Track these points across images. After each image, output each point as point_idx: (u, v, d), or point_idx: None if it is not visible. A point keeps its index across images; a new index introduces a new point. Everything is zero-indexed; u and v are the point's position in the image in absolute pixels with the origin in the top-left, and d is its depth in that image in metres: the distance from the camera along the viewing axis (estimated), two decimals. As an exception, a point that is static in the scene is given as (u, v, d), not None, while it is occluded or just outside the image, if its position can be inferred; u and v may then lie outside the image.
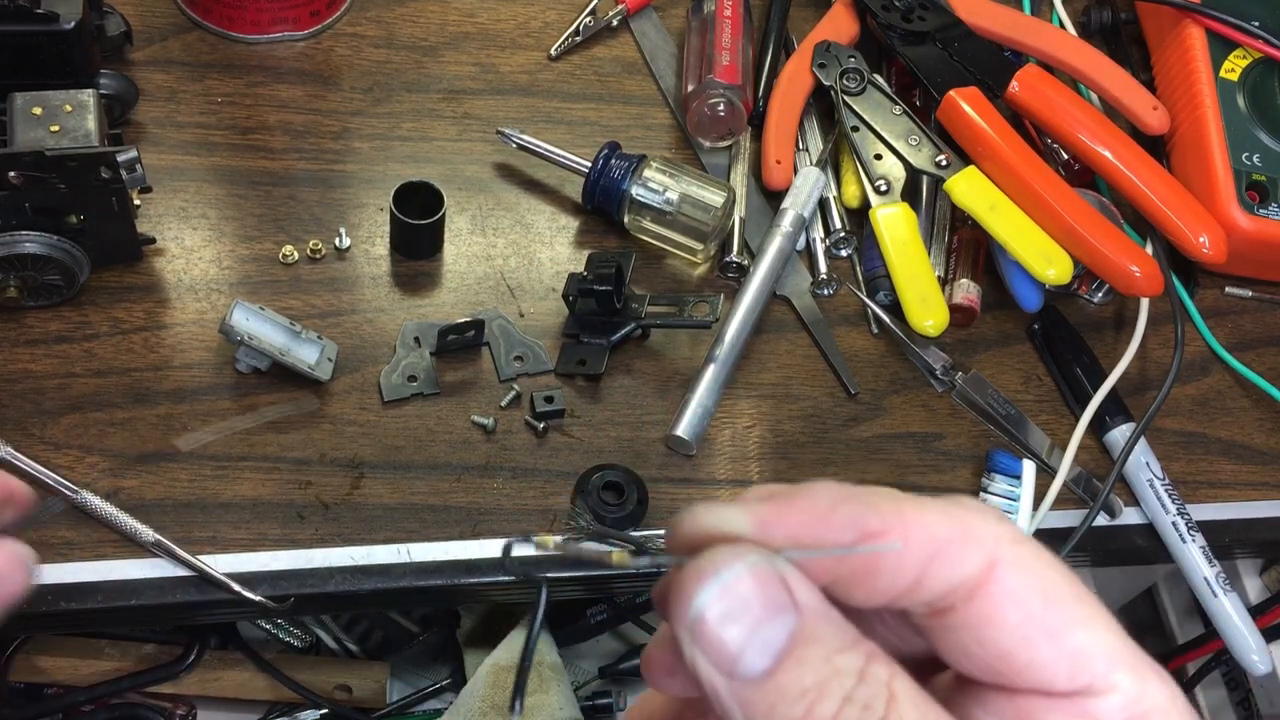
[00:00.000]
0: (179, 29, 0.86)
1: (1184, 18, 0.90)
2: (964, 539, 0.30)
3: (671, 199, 0.80)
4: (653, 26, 0.93)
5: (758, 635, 0.28)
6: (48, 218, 0.70)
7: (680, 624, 0.28)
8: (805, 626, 0.28)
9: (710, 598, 0.28)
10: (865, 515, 0.30)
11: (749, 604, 0.28)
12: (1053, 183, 0.80)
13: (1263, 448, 0.83)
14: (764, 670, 0.28)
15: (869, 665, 0.28)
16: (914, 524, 0.30)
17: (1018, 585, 0.30)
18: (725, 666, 0.28)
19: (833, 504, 0.30)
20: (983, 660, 0.31)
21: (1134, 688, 0.30)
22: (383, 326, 0.77)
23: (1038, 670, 0.30)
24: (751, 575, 0.28)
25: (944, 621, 0.31)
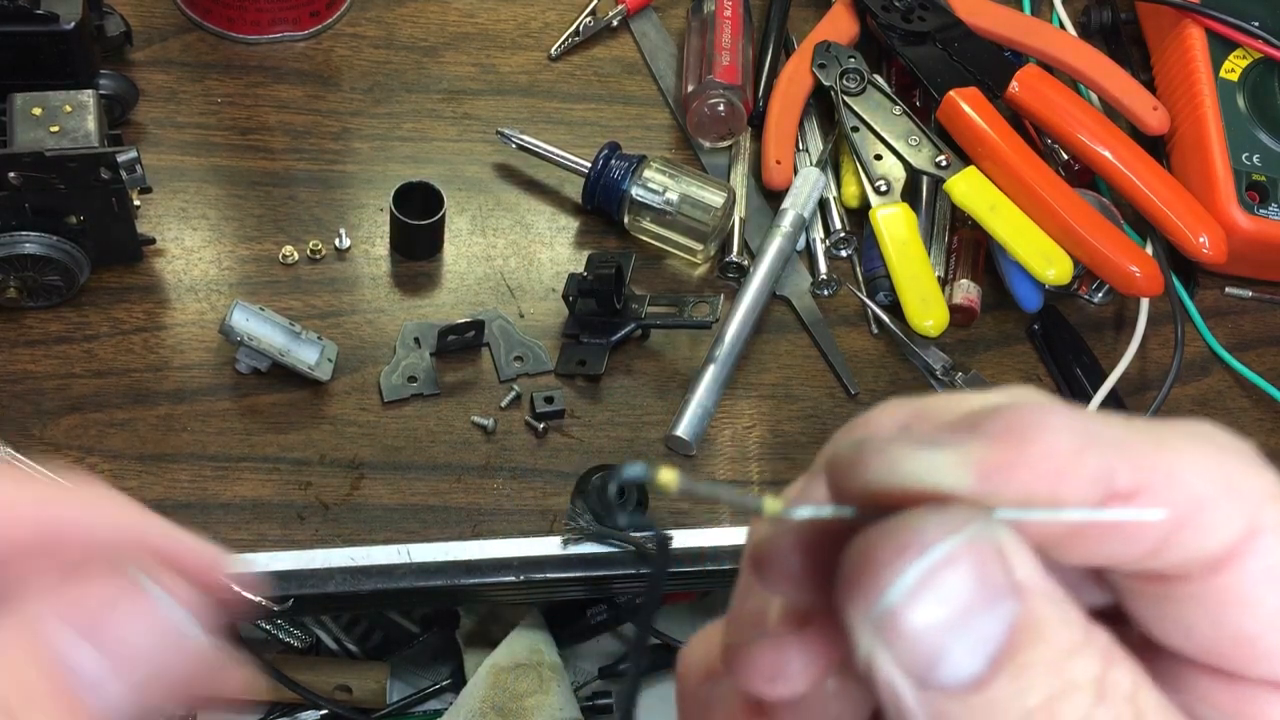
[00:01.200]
0: (179, 29, 0.86)
1: (1184, 18, 0.90)
2: (1225, 497, 0.23)
3: (671, 199, 0.79)
4: (653, 27, 0.93)
5: (968, 631, 0.21)
6: (48, 218, 0.70)
7: (859, 611, 0.21)
8: (1028, 617, 0.21)
9: (911, 585, 0.21)
10: (1116, 466, 0.23)
11: (960, 593, 0.21)
12: (1053, 183, 0.80)
13: (1263, 448, 0.83)
14: (974, 678, 0.21)
15: (1108, 672, 0.21)
16: (1173, 479, 0.23)
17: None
18: (919, 672, 0.21)
19: (1078, 449, 0.22)
20: (1209, 641, 0.24)
21: None
22: (383, 327, 0.77)
23: (1273, 664, 0.24)
24: (970, 552, 0.21)
25: (1167, 589, 0.24)
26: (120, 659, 0.24)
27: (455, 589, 0.71)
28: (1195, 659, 0.25)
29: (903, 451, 0.22)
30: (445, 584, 0.70)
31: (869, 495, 0.22)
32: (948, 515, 0.21)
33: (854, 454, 0.23)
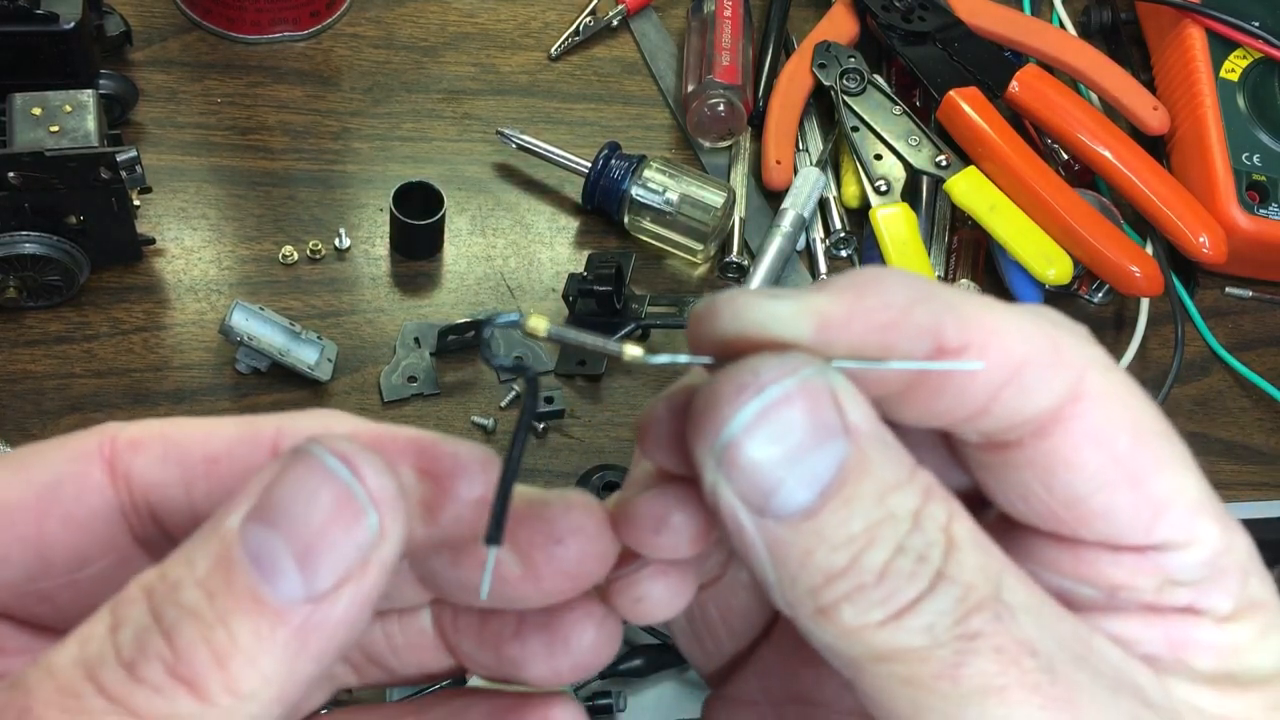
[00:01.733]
0: (179, 29, 0.86)
1: (1184, 18, 0.90)
2: (1050, 361, 0.25)
3: (671, 199, 0.79)
4: (653, 27, 0.93)
5: (801, 465, 0.23)
6: (47, 218, 0.70)
7: (704, 446, 0.23)
8: (857, 456, 0.23)
9: (748, 421, 0.23)
10: (944, 321, 0.24)
11: (793, 430, 0.23)
12: (1053, 183, 0.80)
13: (1263, 448, 0.83)
14: (804, 507, 0.23)
15: (926, 505, 0.23)
16: (998, 338, 0.25)
17: (1103, 421, 0.25)
18: (756, 501, 0.23)
19: (909, 304, 0.24)
20: (1045, 506, 0.26)
21: (1219, 540, 0.26)
22: (382, 327, 0.77)
23: (1110, 520, 0.26)
24: (801, 394, 0.23)
25: (1004, 457, 0.26)
26: (297, 534, 0.22)
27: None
28: (1037, 527, 0.26)
29: (750, 301, 0.24)
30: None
31: (721, 344, 0.24)
32: (785, 359, 0.23)
33: (708, 305, 0.24)
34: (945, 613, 0.23)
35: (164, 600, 0.22)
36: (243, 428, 0.27)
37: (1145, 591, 0.26)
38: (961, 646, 0.23)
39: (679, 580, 0.27)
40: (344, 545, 0.22)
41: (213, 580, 0.22)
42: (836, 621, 0.23)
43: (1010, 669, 0.23)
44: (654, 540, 0.26)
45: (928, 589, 0.23)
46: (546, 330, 0.25)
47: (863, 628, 0.23)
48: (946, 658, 0.22)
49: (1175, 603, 0.26)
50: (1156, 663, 0.26)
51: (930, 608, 0.23)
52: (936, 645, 0.23)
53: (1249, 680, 0.26)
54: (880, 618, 0.23)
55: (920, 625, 0.23)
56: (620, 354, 0.26)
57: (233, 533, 0.22)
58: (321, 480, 0.23)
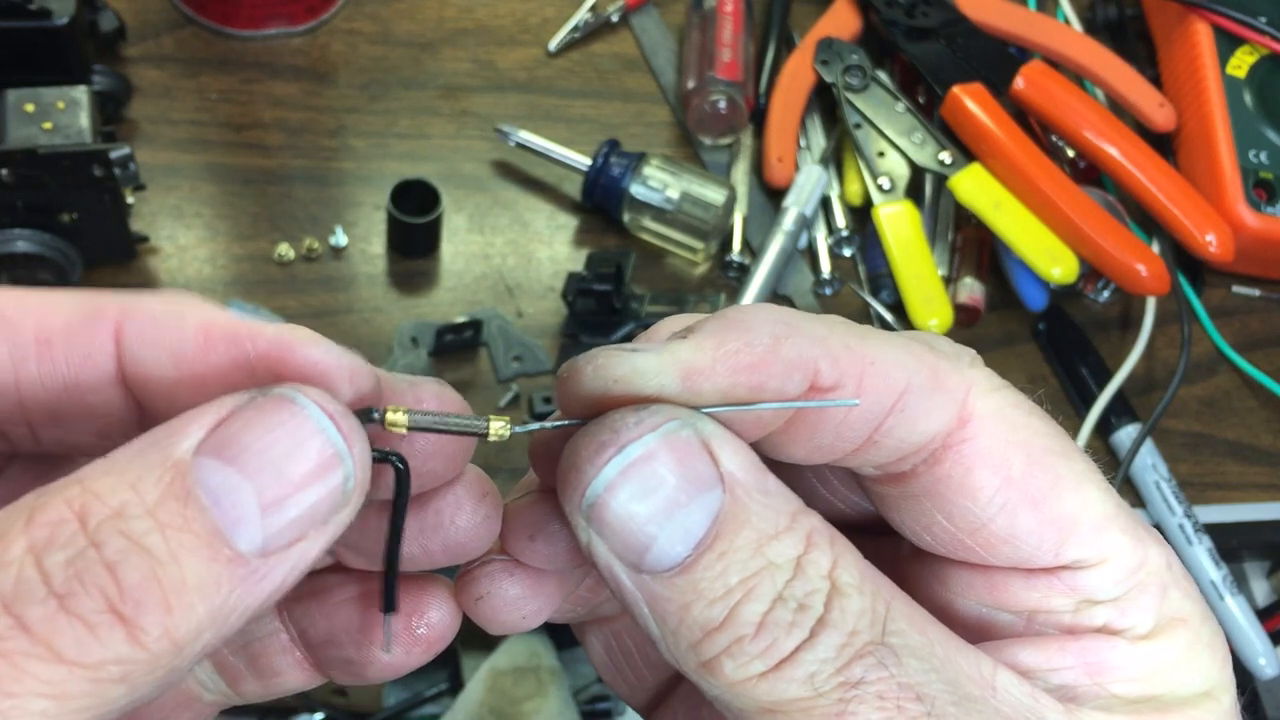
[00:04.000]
0: (173, 25, 0.85)
1: (1190, 14, 0.89)
2: (931, 388, 0.25)
3: (672, 197, 0.79)
4: (653, 22, 0.92)
5: (673, 520, 0.23)
6: (40, 216, 0.69)
7: (571, 504, 0.23)
8: (733, 506, 0.23)
9: (610, 479, 0.23)
10: (814, 356, 0.24)
11: (662, 485, 0.23)
12: (1058, 180, 0.79)
13: (1270, 449, 0.82)
14: (678, 563, 0.22)
15: (808, 552, 0.23)
16: (875, 369, 0.24)
17: (994, 443, 0.25)
18: (630, 558, 0.23)
19: (774, 341, 0.24)
20: (949, 535, 0.26)
21: (1131, 555, 0.26)
22: (380, 326, 0.76)
23: (1015, 544, 0.25)
24: (666, 447, 0.23)
25: (901, 488, 0.26)
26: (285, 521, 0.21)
27: (453, 592, 0.70)
28: (947, 555, 0.26)
29: (611, 358, 0.24)
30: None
31: (588, 404, 0.24)
32: (645, 414, 0.23)
33: (569, 366, 0.24)
34: (827, 661, 0.22)
35: (106, 526, 0.20)
36: (82, 304, 0.24)
37: (1062, 613, 0.26)
38: (844, 695, 0.22)
39: (530, 584, 0.27)
40: (317, 503, 0.22)
41: (165, 512, 0.20)
42: (719, 675, 0.23)
43: (896, 716, 0.22)
44: (529, 546, 0.26)
45: (808, 638, 0.22)
46: (405, 425, 0.25)
47: (744, 681, 0.22)
48: (829, 707, 0.22)
49: (1093, 623, 0.25)
50: (1073, 692, 0.25)
51: (811, 657, 0.22)
52: (818, 695, 0.22)
53: (1172, 702, 0.25)
54: (761, 669, 0.22)
55: (801, 676, 0.22)
56: (486, 433, 0.25)
57: (185, 463, 0.21)
58: (309, 433, 0.22)
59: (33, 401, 0.24)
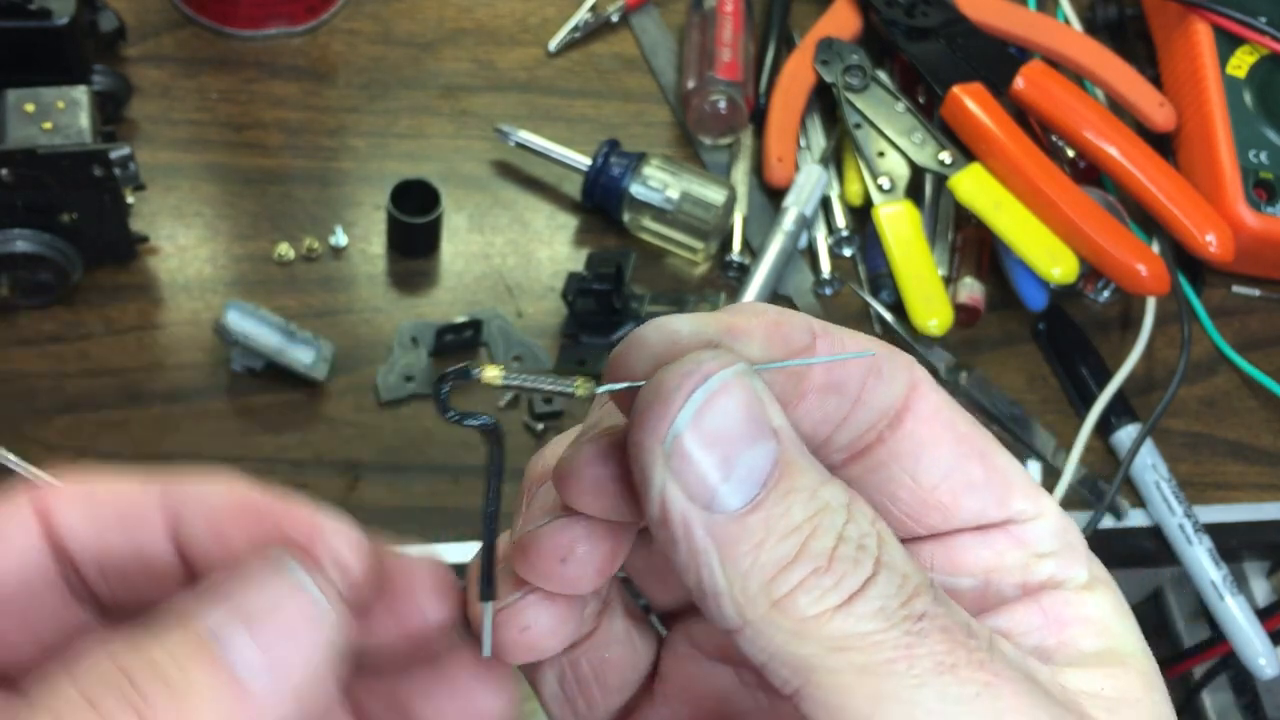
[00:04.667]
0: (173, 24, 0.85)
1: (1190, 13, 0.89)
2: (888, 355, 0.28)
3: (672, 197, 0.79)
4: (653, 22, 0.92)
5: (741, 460, 0.24)
6: (40, 216, 0.69)
7: (653, 442, 0.24)
8: (786, 454, 0.24)
9: (695, 410, 0.24)
10: (805, 330, 0.27)
11: (734, 422, 0.24)
12: (1058, 180, 0.79)
13: (1271, 449, 0.82)
14: (749, 501, 0.24)
15: (854, 501, 0.24)
16: (850, 338, 0.27)
17: (940, 405, 0.28)
18: (704, 497, 0.24)
19: (776, 320, 0.26)
20: (914, 497, 0.28)
21: (1059, 514, 0.29)
22: (379, 326, 0.76)
23: (971, 497, 0.28)
24: (739, 386, 0.24)
25: (870, 460, 0.28)
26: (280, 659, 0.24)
27: (453, 592, 0.70)
28: (911, 529, 0.29)
29: (671, 318, 0.26)
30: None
31: (655, 360, 0.25)
32: (721, 354, 0.24)
33: (632, 334, 0.26)
34: (892, 596, 0.23)
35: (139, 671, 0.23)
36: (145, 486, 0.29)
37: (1015, 570, 0.28)
38: (911, 627, 0.23)
39: (565, 611, 0.28)
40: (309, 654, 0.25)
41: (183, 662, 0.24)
42: (792, 613, 0.23)
43: (958, 648, 0.23)
44: (560, 570, 0.27)
45: (872, 574, 0.23)
46: (501, 379, 0.26)
47: (819, 616, 0.23)
48: (899, 640, 0.23)
49: (1042, 575, 0.28)
50: (1046, 653, 0.27)
51: (878, 592, 0.23)
52: (889, 627, 0.23)
53: (1123, 655, 0.27)
54: (835, 602, 0.23)
55: (872, 609, 0.23)
56: (573, 392, 0.27)
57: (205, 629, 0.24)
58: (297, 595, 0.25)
59: (110, 566, 0.29)
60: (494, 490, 0.27)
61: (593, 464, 0.26)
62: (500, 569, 0.29)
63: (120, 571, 0.29)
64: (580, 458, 0.26)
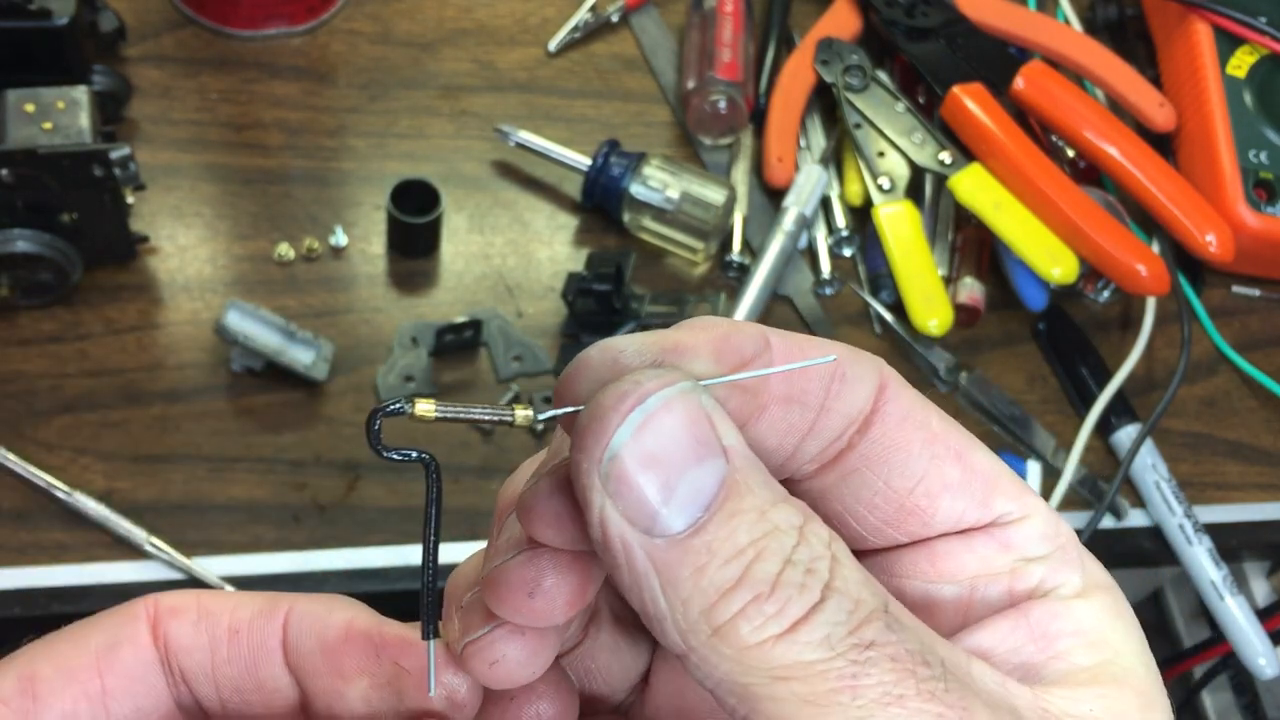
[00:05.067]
0: (173, 25, 0.85)
1: (1190, 14, 0.89)
2: (852, 358, 0.27)
3: (672, 197, 0.79)
4: (653, 22, 0.92)
5: (684, 482, 0.23)
6: (40, 216, 0.69)
7: (590, 465, 0.23)
8: (735, 474, 0.23)
9: (631, 431, 0.23)
10: (758, 340, 0.26)
11: (676, 442, 0.23)
12: (1058, 180, 0.79)
13: (1271, 449, 0.82)
14: (691, 524, 0.23)
15: (808, 523, 0.23)
16: (812, 345, 0.27)
17: (909, 405, 0.27)
18: (643, 521, 0.23)
19: (725, 333, 0.26)
20: (889, 503, 0.27)
21: (1049, 516, 0.27)
22: (379, 326, 0.76)
23: (950, 499, 0.27)
24: (681, 405, 0.23)
25: (842, 469, 0.27)
26: None
27: (453, 592, 0.70)
28: (889, 538, 0.28)
29: (615, 339, 0.26)
30: (442, 586, 0.69)
31: (598, 382, 0.25)
32: (663, 372, 0.24)
33: (577, 357, 0.26)
34: (840, 624, 0.22)
35: None
36: (263, 602, 0.31)
37: (1001, 575, 0.27)
38: (857, 656, 0.22)
39: (536, 642, 0.27)
40: None
41: None
42: (733, 641, 0.22)
43: (907, 678, 0.22)
44: (529, 604, 0.26)
45: (819, 600, 0.23)
46: (434, 413, 0.26)
47: (760, 644, 0.22)
48: (844, 669, 0.22)
49: (1030, 582, 0.27)
50: (1034, 671, 0.26)
51: (824, 619, 0.22)
52: (834, 656, 0.22)
53: (1120, 671, 0.26)
54: (777, 631, 0.22)
55: (817, 638, 0.22)
56: (512, 421, 0.26)
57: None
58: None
59: (223, 678, 0.30)
60: (433, 528, 0.27)
61: (551, 496, 0.25)
62: (470, 600, 0.28)
63: (232, 686, 0.30)
64: (539, 490, 0.26)
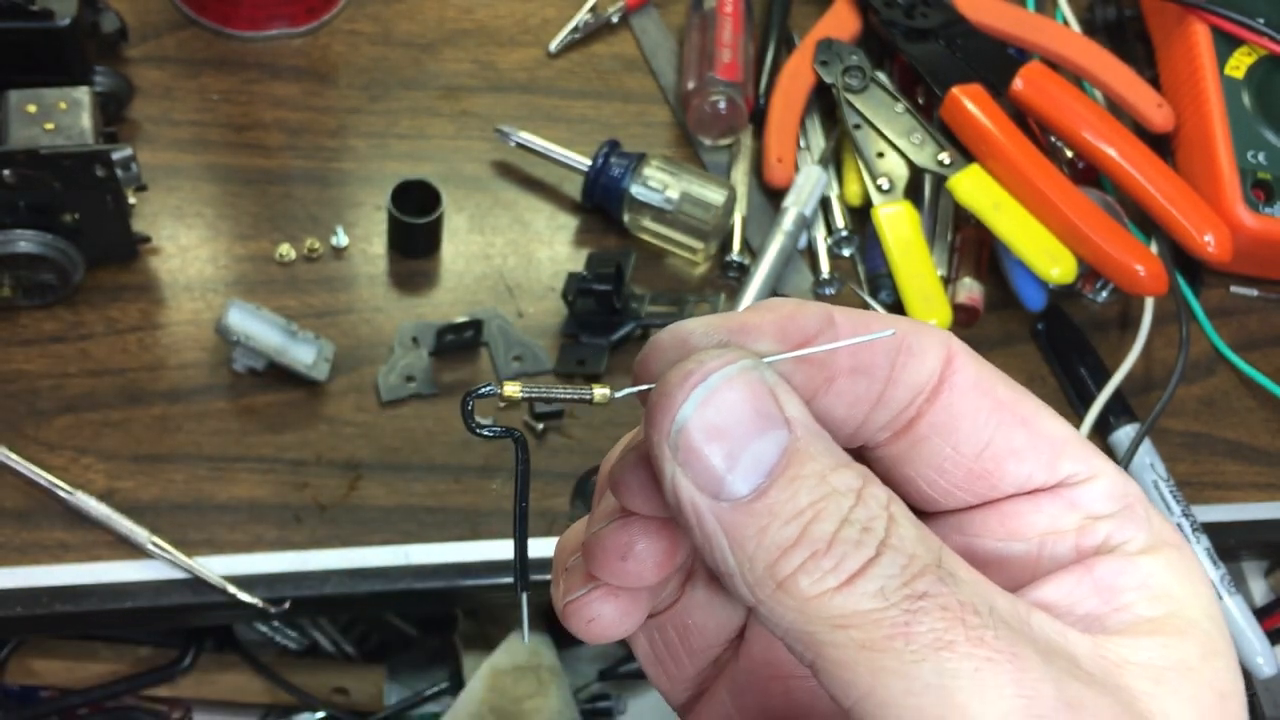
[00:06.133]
0: (174, 25, 0.85)
1: (1189, 14, 0.89)
2: (919, 331, 0.29)
3: (672, 197, 0.79)
4: (653, 23, 0.92)
5: (748, 451, 0.25)
6: (42, 216, 0.69)
7: (660, 437, 0.26)
8: (797, 443, 0.25)
9: (695, 406, 0.25)
10: (822, 318, 0.28)
11: (738, 415, 0.25)
12: (1057, 181, 0.79)
13: (1268, 448, 0.82)
14: (754, 489, 0.25)
15: (867, 486, 0.25)
16: (876, 319, 0.28)
17: (977, 374, 0.29)
18: (711, 486, 0.25)
19: (791, 312, 0.28)
20: (958, 468, 0.29)
21: (1117, 475, 0.29)
22: (380, 326, 0.76)
23: (1017, 463, 0.29)
24: (742, 381, 0.26)
25: (911, 437, 0.29)
26: None
27: (454, 591, 0.70)
28: (960, 498, 0.30)
29: (685, 321, 0.28)
30: (443, 586, 0.69)
31: (671, 361, 0.27)
32: (724, 351, 0.26)
33: (650, 343, 0.28)
34: (893, 576, 0.24)
35: None
36: None
37: (1069, 533, 0.28)
38: (910, 606, 0.24)
39: (629, 602, 0.30)
40: None
41: None
42: (795, 593, 0.24)
43: (956, 625, 0.24)
44: (621, 567, 0.29)
45: (874, 556, 0.24)
46: (520, 394, 0.29)
47: (819, 595, 0.24)
48: (898, 618, 0.24)
49: (1096, 539, 0.28)
50: (1098, 622, 0.27)
51: (878, 572, 0.24)
52: (888, 606, 0.24)
53: (1185, 622, 0.27)
54: (834, 584, 0.24)
55: (871, 589, 0.24)
56: (591, 399, 0.29)
57: None
58: None
59: None
60: (522, 493, 0.30)
61: (637, 467, 0.28)
62: (572, 564, 0.31)
63: None
64: (625, 462, 0.28)
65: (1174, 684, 0.26)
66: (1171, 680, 0.26)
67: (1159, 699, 0.25)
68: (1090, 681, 0.25)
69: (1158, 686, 0.25)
